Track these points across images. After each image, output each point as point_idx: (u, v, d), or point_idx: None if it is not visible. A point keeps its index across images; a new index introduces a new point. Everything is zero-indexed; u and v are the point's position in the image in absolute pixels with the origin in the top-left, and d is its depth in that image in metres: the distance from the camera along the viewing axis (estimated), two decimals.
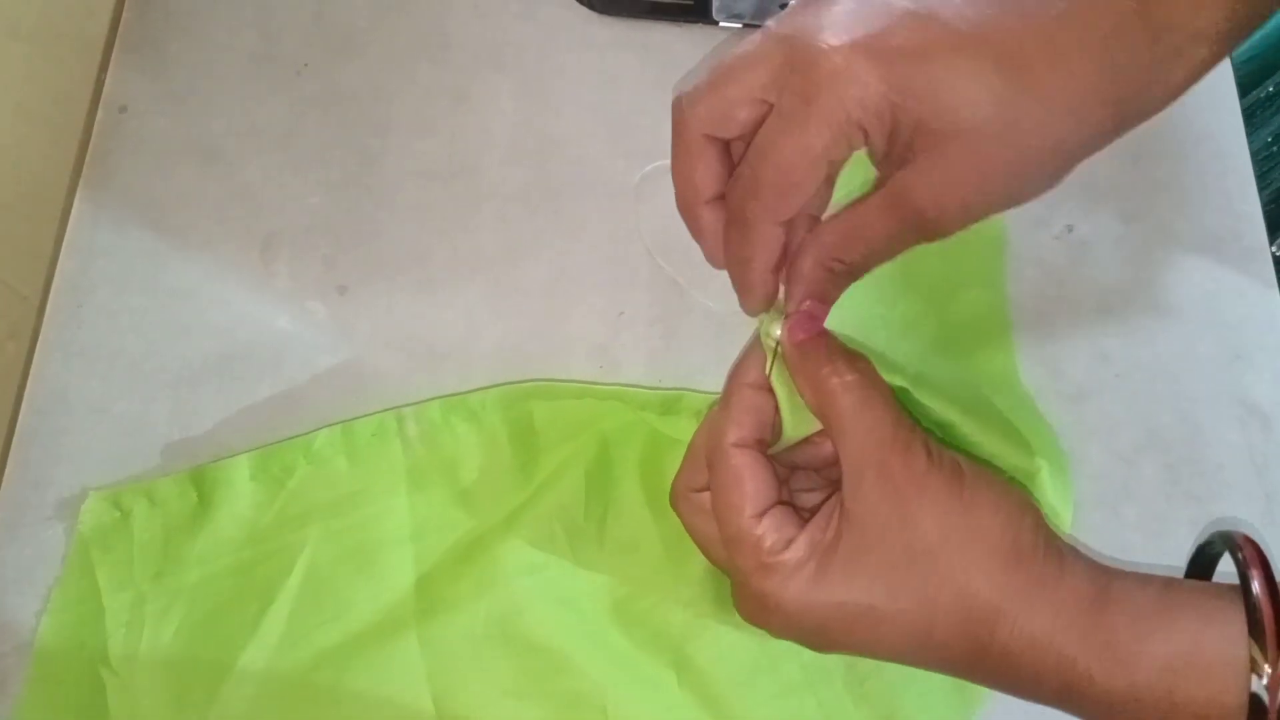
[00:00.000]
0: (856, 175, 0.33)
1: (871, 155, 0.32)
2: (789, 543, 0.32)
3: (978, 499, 0.32)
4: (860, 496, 0.32)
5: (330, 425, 0.41)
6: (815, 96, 0.29)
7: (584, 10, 0.50)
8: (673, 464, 0.38)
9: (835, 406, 0.33)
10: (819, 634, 0.33)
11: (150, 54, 0.47)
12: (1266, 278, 0.47)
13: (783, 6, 0.50)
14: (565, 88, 0.49)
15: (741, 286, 0.34)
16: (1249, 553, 0.30)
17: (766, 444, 0.35)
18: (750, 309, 0.35)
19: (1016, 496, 0.32)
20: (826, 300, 0.34)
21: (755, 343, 0.36)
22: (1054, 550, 0.32)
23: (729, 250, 0.34)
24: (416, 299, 0.44)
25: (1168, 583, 0.31)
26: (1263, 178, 0.84)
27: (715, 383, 0.43)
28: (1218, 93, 0.51)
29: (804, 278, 0.34)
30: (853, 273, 0.33)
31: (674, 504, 0.37)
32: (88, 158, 0.46)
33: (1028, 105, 0.29)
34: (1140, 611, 0.30)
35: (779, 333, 0.34)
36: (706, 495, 0.35)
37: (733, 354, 0.44)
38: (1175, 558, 0.42)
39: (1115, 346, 0.45)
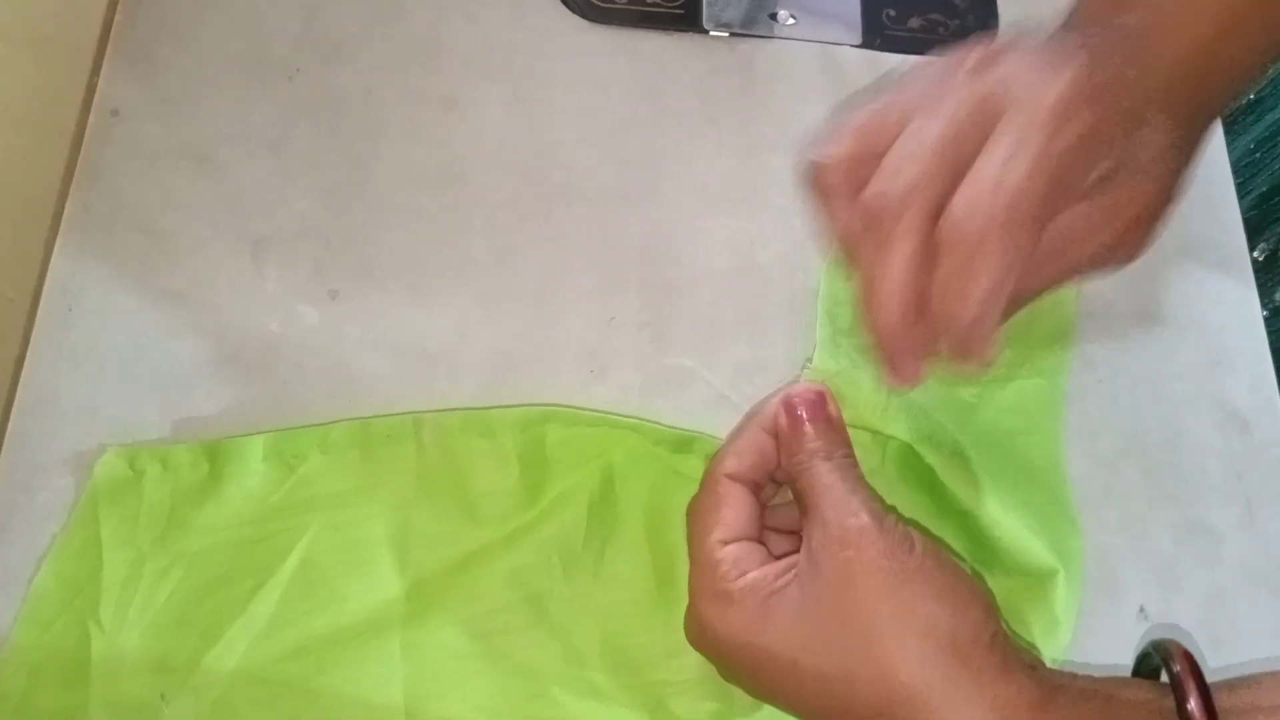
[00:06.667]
0: None
1: None
2: (743, 574, 0.33)
3: (920, 575, 0.31)
4: (811, 553, 0.32)
5: (348, 420, 0.41)
6: (1058, 130, 0.30)
7: (575, 18, 0.50)
8: (680, 502, 0.38)
9: (802, 479, 0.34)
10: (748, 675, 0.33)
11: (142, 58, 0.47)
12: (1246, 284, 0.48)
13: (772, 17, 0.51)
14: (556, 95, 0.49)
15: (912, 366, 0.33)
16: (1183, 666, 0.29)
17: (760, 486, 0.37)
18: (905, 384, 0.34)
19: (967, 586, 0.32)
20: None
21: (775, 392, 0.37)
22: (999, 649, 0.31)
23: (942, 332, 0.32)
24: (407, 304, 0.44)
25: (1110, 698, 0.30)
26: (1243, 185, 0.85)
27: (704, 390, 0.44)
28: None
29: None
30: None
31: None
32: (79, 161, 0.46)
33: (1188, 136, 0.33)
34: None
35: None
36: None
37: (722, 360, 0.44)
38: (1155, 561, 0.43)
39: (1098, 352, 0.46)
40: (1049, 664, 0.38)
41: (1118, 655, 0.41)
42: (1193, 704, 0.29)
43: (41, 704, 0.37)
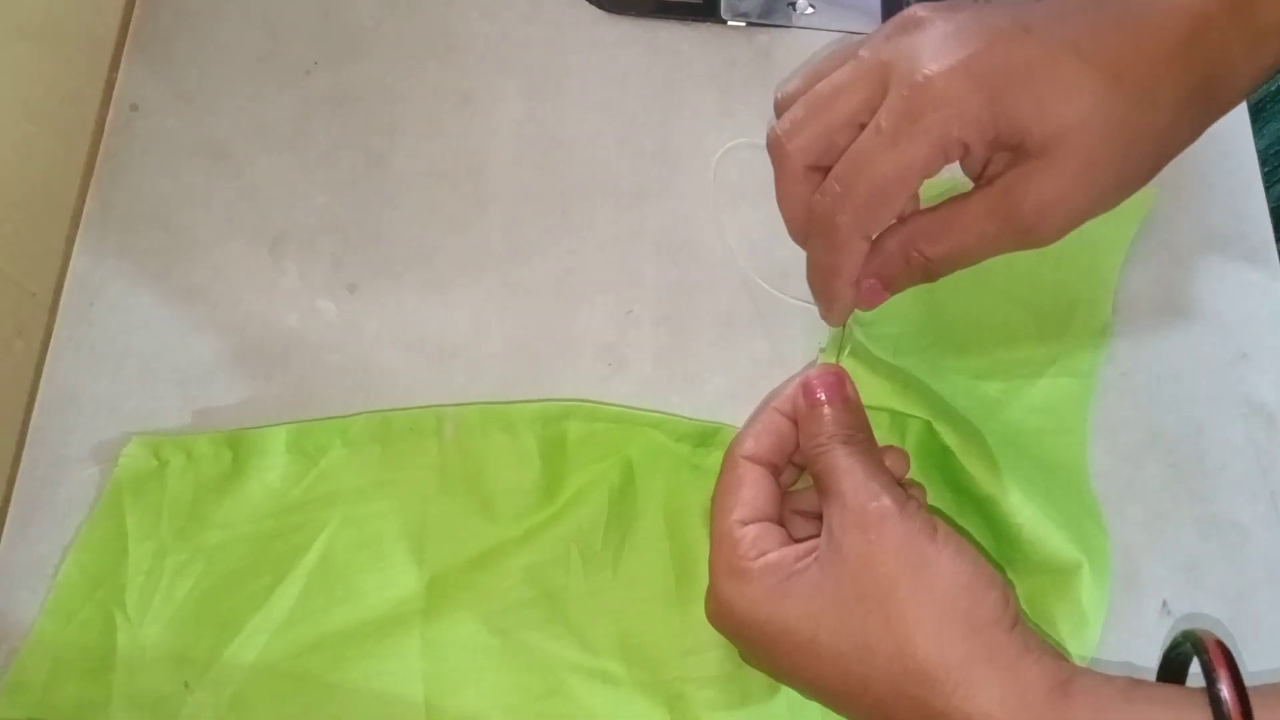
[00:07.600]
0: None
1: (966, 168, 0.34)
2: (762, 554, 0.33)
3: (940, 559, 0.31)
4: (832, 536, 0.33)
5: (370, 412, 0.41)
6: (919, 115, 0.30)
7: (591, 9, 0.50)
8: (699, 498, 0.39)
9: (821, 462, 0.34)
10: (765, 652, 0.33)
11: (160, 53, 0.48)
12: (1273, 275, 0.47)
13: (791, 6, 0.50)
14: (572, 87, 0.49)
15: (826, 297, 0.36)
16: (1215, 655, 0.29)
17: (779, 468, 0.37)
18: (833, 320, 0.37)
19: (988, 574, 0.32)
20: (890, 288, 0.35)
21: (796, 374, 0.37)
22: (1018, 632, 0.31)
23: (814, 261, 0.35)
24: (425, 298, 0.44)
25: (1133, 681, 0.30)
26: (1270, 174, 0.84)
27: (723, 382, 0.44)
28: None
29: (882, 257, 0.34)
30: (930, 269, 0.34)
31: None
32: (99, 156, 0.46)
33: (1133, 108, 0.31)
34: (1103, 705, 0.29)
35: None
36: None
37: (739, 353, 0.44)
38: (1179, 557, 0.42)
39: (1121, 346, 0.45)
40: (1076, 662, 0.38)
41: (1140, 650, 0.40)
42: (1224, 690, 0.28)
43: (63, 696, 0.37)
